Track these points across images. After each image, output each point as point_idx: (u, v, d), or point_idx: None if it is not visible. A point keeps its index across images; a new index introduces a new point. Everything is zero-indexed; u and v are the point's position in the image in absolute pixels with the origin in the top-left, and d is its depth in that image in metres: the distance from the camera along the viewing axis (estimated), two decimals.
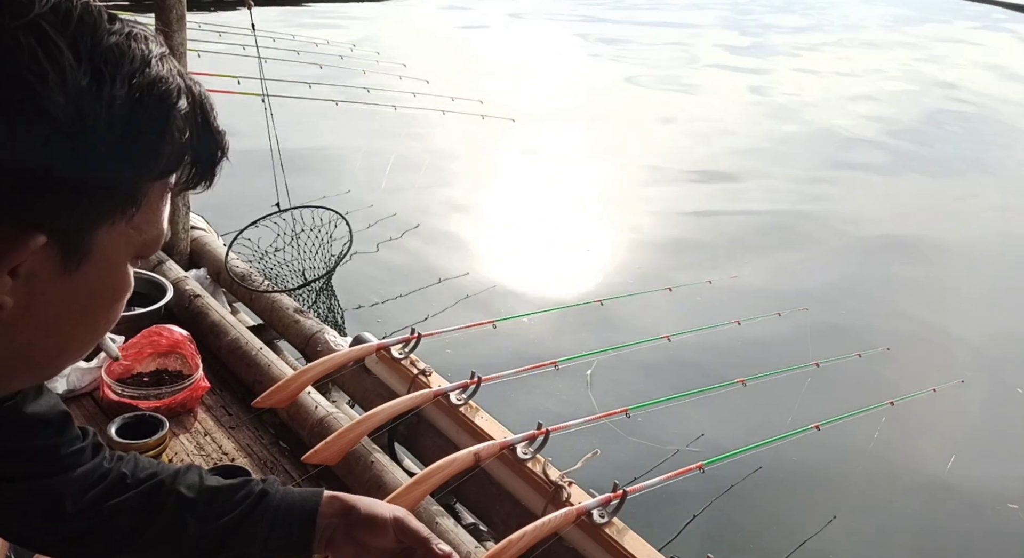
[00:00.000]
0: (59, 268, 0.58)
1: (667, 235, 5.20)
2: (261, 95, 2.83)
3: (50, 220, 0.56)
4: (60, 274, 0.59)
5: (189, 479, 0.97)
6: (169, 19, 2.42)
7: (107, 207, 0.58)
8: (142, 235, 0.63)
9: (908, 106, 9.08)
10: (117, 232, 0.60)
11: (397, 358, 2.05)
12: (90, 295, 0.62)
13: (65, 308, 0.61)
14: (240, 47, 4.62)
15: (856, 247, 5.28)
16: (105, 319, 0.65)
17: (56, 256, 0.58)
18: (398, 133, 6.35)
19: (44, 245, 0.55)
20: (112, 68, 0.55)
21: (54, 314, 0.61)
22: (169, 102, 0.59)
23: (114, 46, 0.56)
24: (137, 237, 0.63)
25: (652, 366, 3.47)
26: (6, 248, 0.54)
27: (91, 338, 0.66)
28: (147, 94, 0.57)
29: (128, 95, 0.56)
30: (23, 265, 0.56)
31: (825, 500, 2.98)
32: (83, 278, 0.60)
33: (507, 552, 1.47)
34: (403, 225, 4.86)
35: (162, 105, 0.59)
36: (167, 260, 2.61)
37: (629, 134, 7.31)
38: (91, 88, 0.54)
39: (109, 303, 0.65)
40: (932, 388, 3.15)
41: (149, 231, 0.64)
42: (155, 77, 0.58)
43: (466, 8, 12.30)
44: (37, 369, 0.65)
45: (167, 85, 0.59)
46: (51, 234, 0.56)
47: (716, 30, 12.91)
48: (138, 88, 0.57)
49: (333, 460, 1.77)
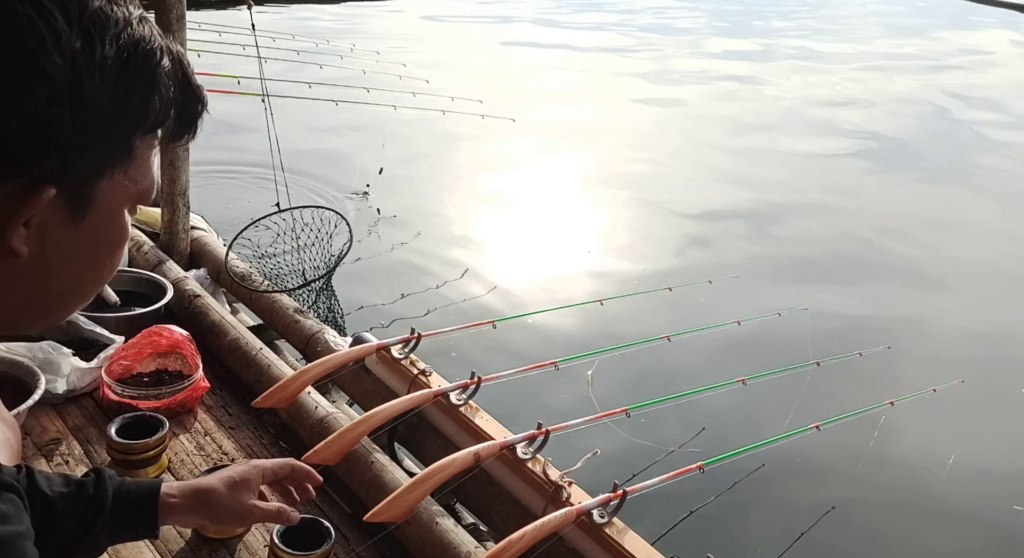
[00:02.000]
0: (67, 218, 0.64)
1: (668, 234, 5.20)
2: (261, 95, 2.84)
3: (58, 174, 0.61)
4: (69, 223, 0.64)
5: None
6: (169, 19, 2.41)
7: (106, 160, 0.64)
8: (137, 185, 0.69)
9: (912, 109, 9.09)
10: (116, 183, 0.66)
11: (397, 358, 2.05)
12: (96, 241, 0.68)
13: (75, 254, 0.67)
14: (240, 47, 4.62)
15: (856, 246, 5.27)
16: (111, 263, 0.72)
17: (64, 207, 0.63)
18: (398, 133, 6.35)
19: (53, 197, 0.61)
20: (100, 30, 0.60)
21: (65, 260, 0.67)
22: (154, 60, 0.64)
23: (99, 10, 0.60)
24: (133, 187, 0.68)
25: (652, 366, 3.46)
26: (20, 201, 0.60)
27: (98, 281, 0.72)
28: (134, 53, 0.63)
29: (117, 55, 0.61)
30: (35, 216, 0.61)
31: (825, 500, 2.98)
32: (89, 226, 0.66)
33: (507, 552, 1.47)
34: (403, 225, 4.86)
35: (148, 63, 0.64)
36: (167, 260, 2.61)
37: (631, 134, 7.31)
38: (84, 50, 0.59)
39: (113, 248, 0.71)
40: (932, 388, 3.15)
41: (143, 182, 0.69)
42: (139, 37, 0.63)
43: (467, 7, 12.33)
44: (51, 312, 0.71)
45: (150, 44, 0.64)
46: (59, 187, 0.61)
47: (717, 29, 12.91)
48: (125, 48, 0.62)
49: (333, 460, 1.77)
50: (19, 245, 0.62)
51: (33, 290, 0.67)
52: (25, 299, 0.67)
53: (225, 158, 5.25)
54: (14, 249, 0.62)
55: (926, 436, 3.38)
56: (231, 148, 5.41)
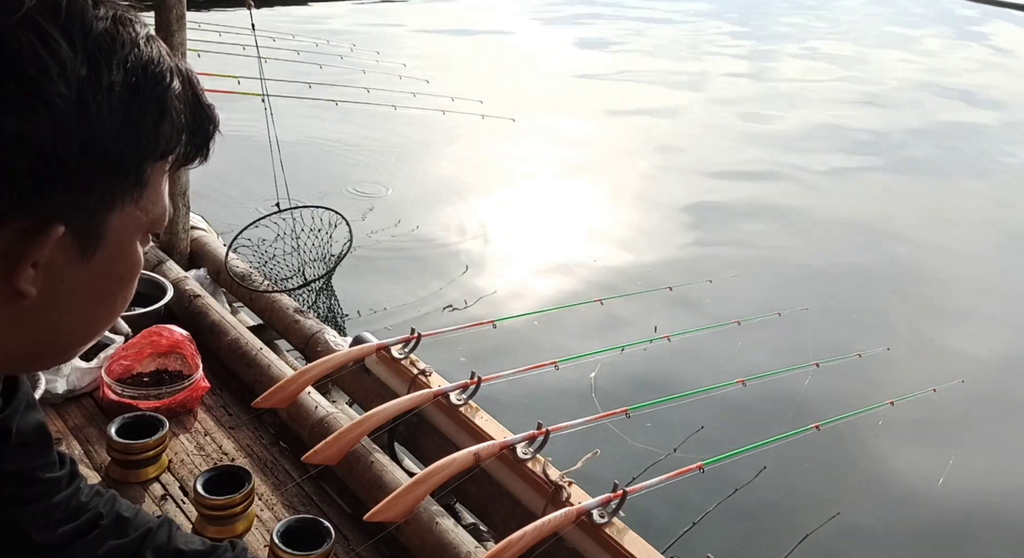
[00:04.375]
0: (77, 255, 0.60)
1: (668, 234, 5.20)
2: (261, 95, 2.83)
3: (66, 210, 0.57)
4: (78, 260, 0.61)
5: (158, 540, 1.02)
6: (169, 19, 2.41)
7: (117, 192, 0.60)
8: (149, 215, 0.65)
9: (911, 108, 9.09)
10: (127, 214, 0.62)
11: (397, 358, 2.05)
12: (107, 277, 0.64)
13: (85, 291, 0.63)
14: (240, 47, 4.62)
15: (856, 246, 5.28)
16: (123, 298, 0.68)
17: (73, 244, 0.59)
18: (398, 133, 6.35)
19: (62, 235, 0.57)
20: (106, 55, 0.56)
21: (75, 298, 0.63)
22: (164, 83, 0.60)
23: (104, 32, 0.56)
24: (144, 217, 0.65)
25: (652, 366, 3.46)
26: (27, 240, 0.56)
27: (111, 317, 0.69)
28: (142, 77, 0.58)
29: (125, 80, 0.57)
30: (43, 255, 0.57)
31: (825, 500, 2.98)
32: (99, 262, 0.62)
33: (507, 552, 1.47)
34: (403, 225, 4.86)
35: (158, 87, 0.60)
36: (167, 260, 2.61)
37: (630, 134, 7.31)
38: (90, 78, 0.55)
39: (125, 283, 0.67)
40: (932, 388, 3.15)
41: (155, 210, 0.66)
42: (147, 60, 0.59)
43: (466, 7, 12.32)
44: (60, 352, 0.68)
45: (160, 66, 0.60)
46: (67, 223, 0.57)
47: (719, 26, 12.90)
48: (133, 72, 0.58)
49: (333, 460, 1.77)
50: (27, 287, 0.58)
51: (41, 331, 0.63)
52: (33, 341, 0.63)
53: (225, 158, 5.24)
54: (22, 291, 0.58)
55: (926, 436, 3.38)
56: (231, 148, 5.41)
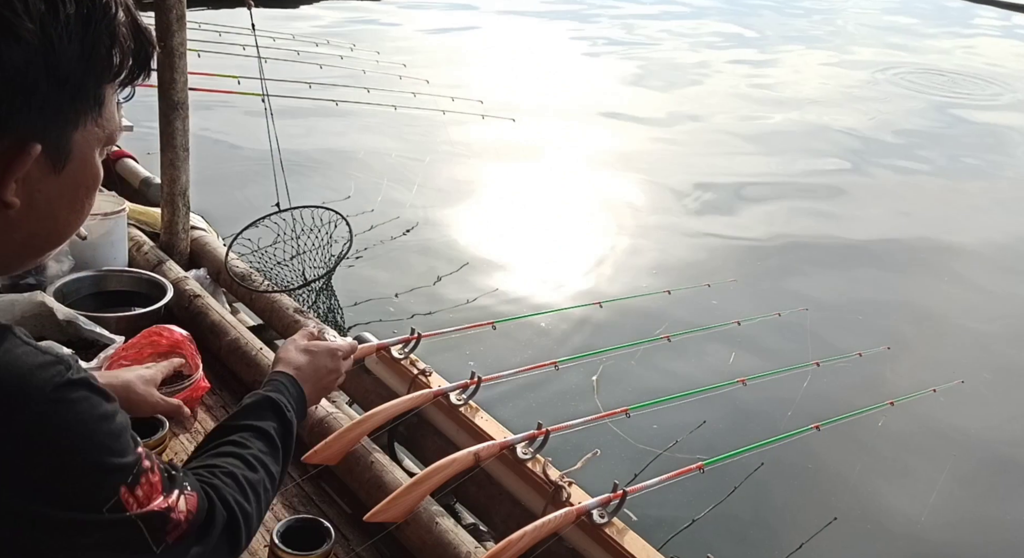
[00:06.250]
0: (50, 169, 0.72)
1: (669, 236, 5.20)
2: (261, 95, 2.84)
3: (40, 130, 0.69)
4: (52, 174, 0.72)
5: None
6: (169, 19, 2.41)
7: (80, 112, 0.72)
8: (105, 130, 0.76)
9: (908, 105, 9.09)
10: (88, 131, 0.74)
11: (397, 358, 2.05)
12: (76, 186, 0.76)
13: (58, 200, 0.75)
14: (240, 47, 4.62)
15: (856, 246, 5.28)
16: (89, 203, 0.80)
17: (47, 160, 0.71)
18: (398, 133, 6.35)
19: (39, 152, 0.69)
20: None
21: (51, 206, 0.74)
22: (111, 13, 0.71)
23: None
24: (102, 133, 0.76)
25: (652, 366, 3.47)
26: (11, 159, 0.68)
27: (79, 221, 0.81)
28: (92, 9, 0.69)
29: (78, 12, 0.67)
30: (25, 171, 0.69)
31: (825, 500, 2.99)
32: (69, 174, 0.74)
33: (507, 552, 1.47)
34: (403, 225, 4.86)
35: (106, 17, 0.70)
36: (167, 260, 2.61)
37: (630, 134, 7.31)
38: (49, 12, 0.65)
39: (91, 190, 0.79)
40: (932, 388, 3.15)
41: (109, 126, 0.77)
42: None
43: (465, 7, 12.31)
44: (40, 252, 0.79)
45: None
46: (43, 142, 0.69)
47: (720, 25, 12.90)
48: (84, 5, 0.68)
49: (333, 460, 1.77)
50: (12, 199, 0.69)
51: (25, 235, 0.74)
52: (19, 245, 0.74)
53: (225, 158, 5.25)
54: (8, 202, 0.69)
55: (926, 436, 3.38)
56: (231, 148, 5.41)
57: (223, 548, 0.96)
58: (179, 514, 0.88)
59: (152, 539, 0.85)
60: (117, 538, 0.83)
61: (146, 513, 0.84)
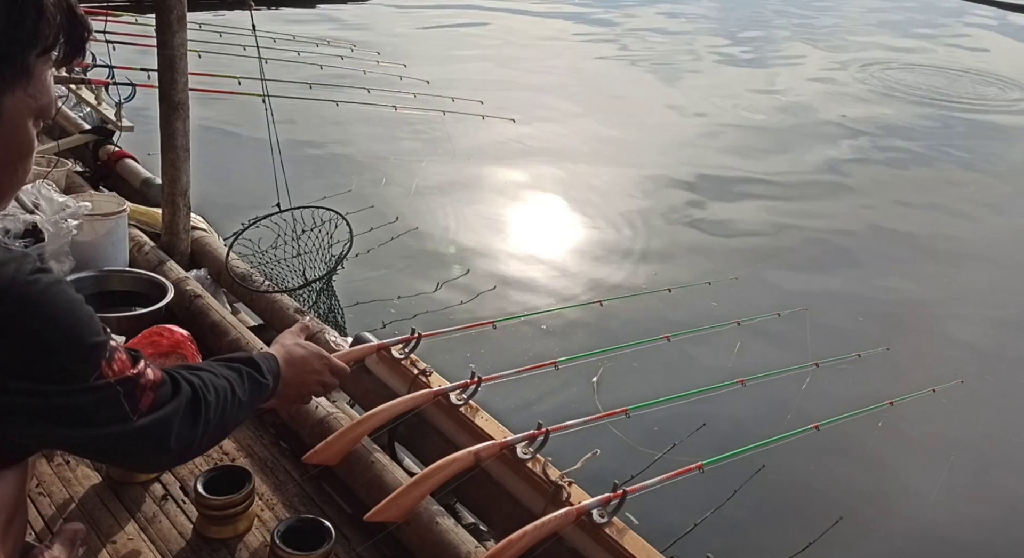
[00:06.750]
0: None
1: (669, 236, 5.20)
2: (262, 95, 2.84)
3: None
4: None
5: None
6: (169, 19, 2.42)
7: (8, 78, 0.81)
8: (37, 101, 0.85)
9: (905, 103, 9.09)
10: (18, 99, 0.82)
11: (397, 358, 2.06)
12: (7, 150, 0.84)
13: None
14: (240, 47, 4.62)
15: (856, 246, 5.28)
16: (23, 169, 0.87)
17: None
18: (399, 134, 6.35)
19: None
20: None
21: None
22: None
23: None
24: (34, 103, 0.84)
25: (652, 366, 3.47)
26: None
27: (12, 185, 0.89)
28: None
29: None
30: None
31: (824, 500, 2.99)
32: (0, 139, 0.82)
33: (507, 552, 1.47)
34: (403, 225, 4.86)
35: None
36: (168, 260, 2.62)
37: (631, 133, 7.31)
38: None
39: (23, 156, 0.87)
40: (932, 388, 3.15)
41: (42, 98, 0.85)
42: None
43: (467, 6, 12.31)
44: None
45: None
46: None
47: (721, 25, 12.90)
48: None
49: (333, 460, 1.77)
50: None
51: None
52: None
53: (226, 158, 5.25)
54: None
55: (926, 436, 3.39)
56: (232, 149, 5.41)
57: (188, 421, 1.05)
58: (147, 380, 1.00)
59: (129, 407, 0.96)
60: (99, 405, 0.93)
61: (122, 379, 0.95)
